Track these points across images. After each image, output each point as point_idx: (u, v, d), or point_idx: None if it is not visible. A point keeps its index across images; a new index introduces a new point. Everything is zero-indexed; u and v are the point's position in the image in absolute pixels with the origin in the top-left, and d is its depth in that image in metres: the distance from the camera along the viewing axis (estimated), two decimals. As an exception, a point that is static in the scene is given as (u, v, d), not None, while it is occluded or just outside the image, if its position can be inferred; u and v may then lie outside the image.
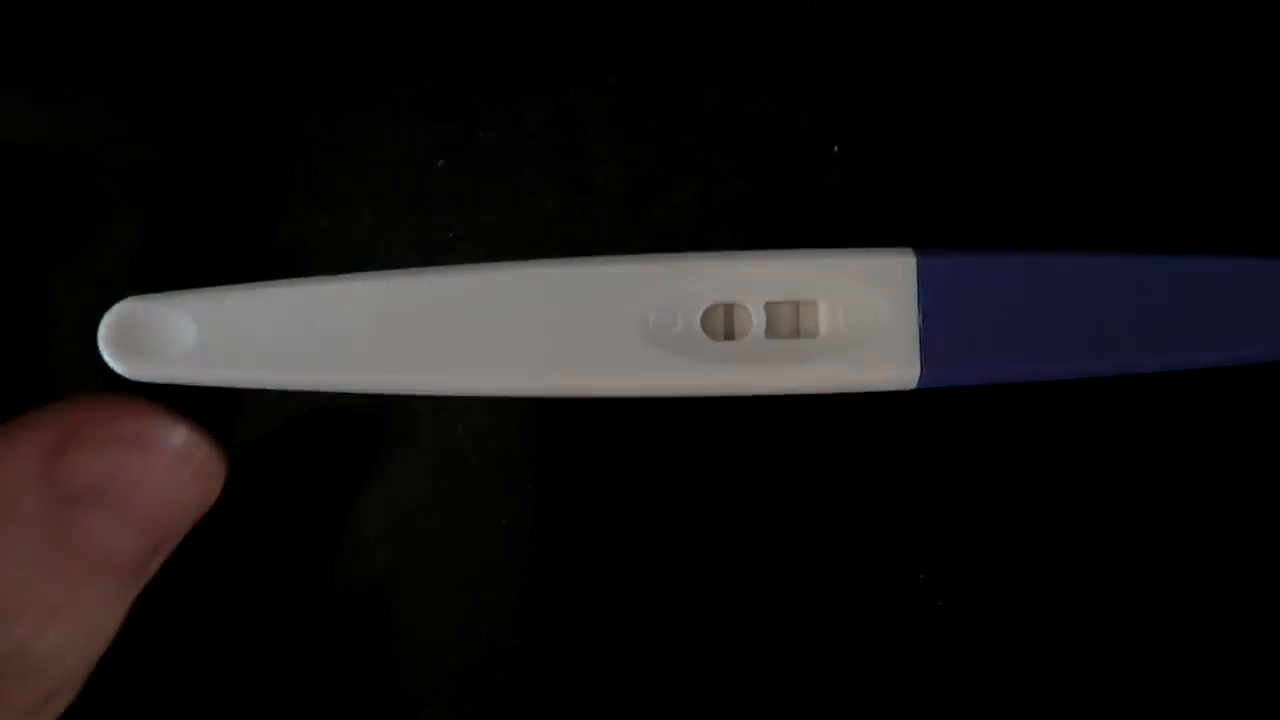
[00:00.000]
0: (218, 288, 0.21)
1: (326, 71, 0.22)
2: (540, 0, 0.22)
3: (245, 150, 0.22)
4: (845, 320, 0.20)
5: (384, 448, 0.22)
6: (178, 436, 0.18)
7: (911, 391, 0.20)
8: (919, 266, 0.19)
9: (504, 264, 0.20)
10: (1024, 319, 0.19)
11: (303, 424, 0.22)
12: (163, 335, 0.20)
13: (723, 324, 0.20)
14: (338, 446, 0.22)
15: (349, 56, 0.23)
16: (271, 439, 0.22)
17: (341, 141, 0.22)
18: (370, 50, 0.22)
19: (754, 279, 0.20)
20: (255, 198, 0.22)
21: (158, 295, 0.20)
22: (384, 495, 0.22)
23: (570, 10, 0.23)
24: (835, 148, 0.22)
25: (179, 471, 0.18)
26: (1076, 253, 0.20)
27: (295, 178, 0.22)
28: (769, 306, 0.20)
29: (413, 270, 0.21)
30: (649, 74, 0.22)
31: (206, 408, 0.22)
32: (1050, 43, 0.23)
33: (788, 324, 0.20)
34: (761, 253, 0.20)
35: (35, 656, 0.17)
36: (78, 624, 0.17)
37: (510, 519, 0.22)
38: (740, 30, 0.23)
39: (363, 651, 0.22)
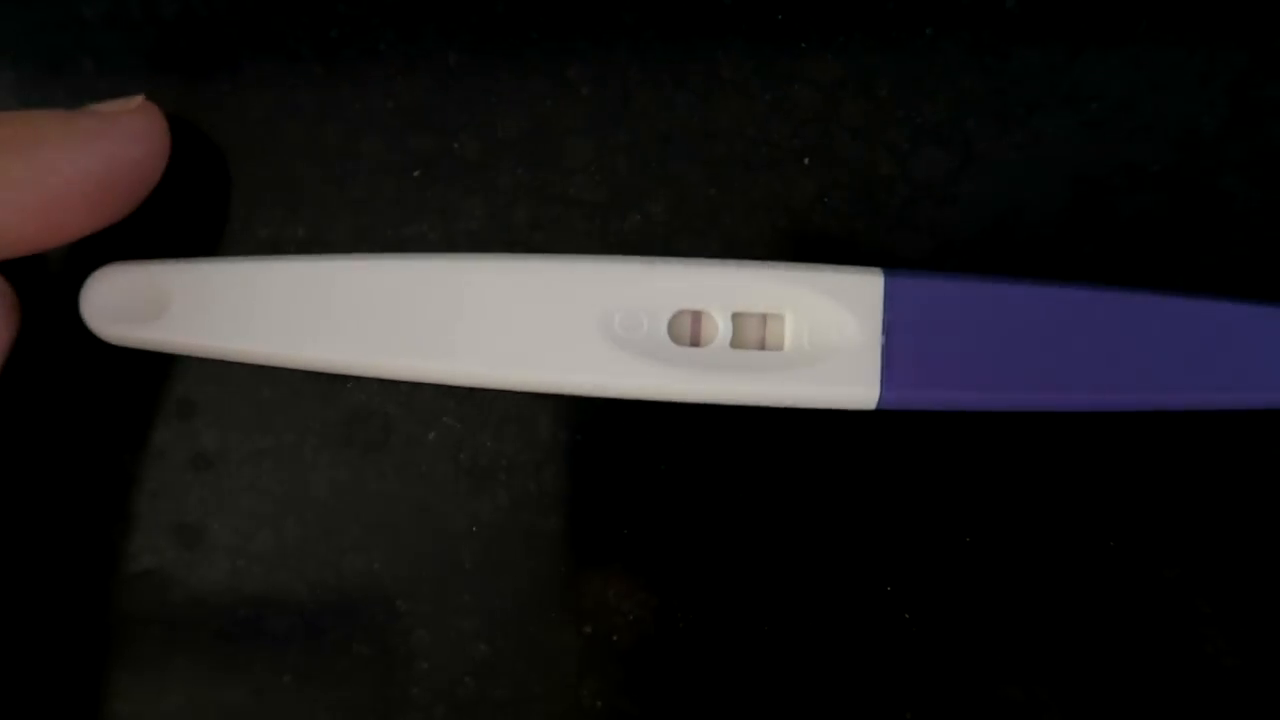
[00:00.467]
0: (198, 259, 0.21)
1: (305, 81, 0.23)
2: (513, 11, 0.23)
3: (224, 158, 0.23)
4: (810, 336, 0.20)
5: (357, 454, 0.23)
6: None
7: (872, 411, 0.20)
8: (887, 287, 0.19)
9: (477, 255, 0.21)
10: (990, 347, 0.19)
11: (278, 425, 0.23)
12: (143, 300, 0.21)
13: (689, 330, 0.20)
14: (310, 450, 0.23)
15: (326, 66, 0.23)
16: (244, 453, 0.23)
17: (319, 151, 0.22)
18: (346, 60, 0.23)
19: (723, 288, 0.20)
20: (232, 206, 0.23)
21: (138, 262, 0.21)
22: (356, 502, 0.23)
23: (542, 20, 0.23)
24: (805, 160, 0.22)
25: None
26: (1046, 282, 0.20)
27: (275, 185, 0.23)
28: (736, 317, 0.20)
29: (387, 255, 0.21)
30: (622, 84, 0.22)
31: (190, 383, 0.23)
32: (1028, 62, 0.22)
33: (753, 335, 0.20)
34: (732, 262, 0.20)
35: None
36: None
37: (480, 526, 0.23)
38: (712, 41, 0.22)
39: (337, 658, 0.23)
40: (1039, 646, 0.22)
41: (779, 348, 0.20)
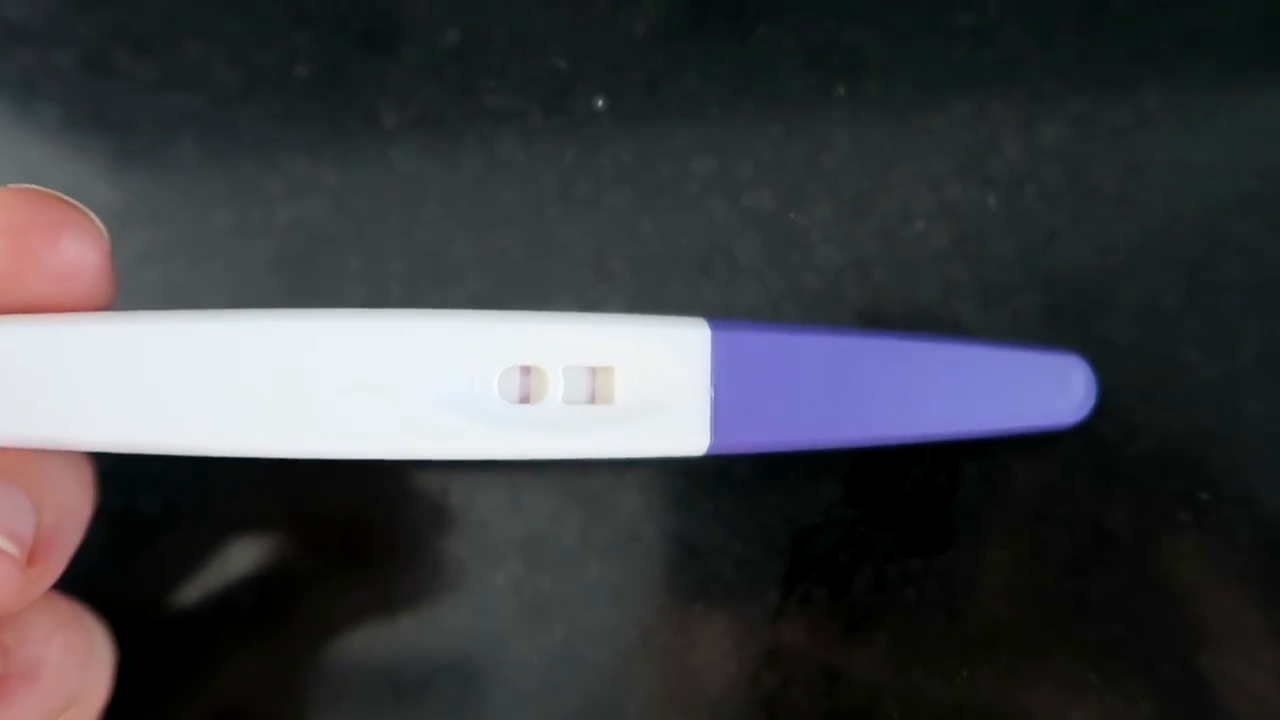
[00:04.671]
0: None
1: None
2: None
3: None
4: (641, 388, 0.19)
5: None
6: None
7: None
8: (713, 339, 0.19)
9: (283, 311, 0.18)
10: (808, 391, 0.20)
11: None
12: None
13: (519, 387, 0.19)
14: None
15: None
16: None
17: None
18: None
19: (553, 341, 0.19)
20: None
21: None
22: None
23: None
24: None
25: None
26: (853, 331, 0.21)
27: None
28: (566, 371, 0.19)
29: (167, 313, 0.17)
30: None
31: None
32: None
33: (584, 389, 0.19)
34: (561, 315, 0.19)
35: None
36: None
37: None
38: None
39: None
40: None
41: (609, 401, 0.19)
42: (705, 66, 0.24)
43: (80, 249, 0.17)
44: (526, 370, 0.19)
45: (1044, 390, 0.22)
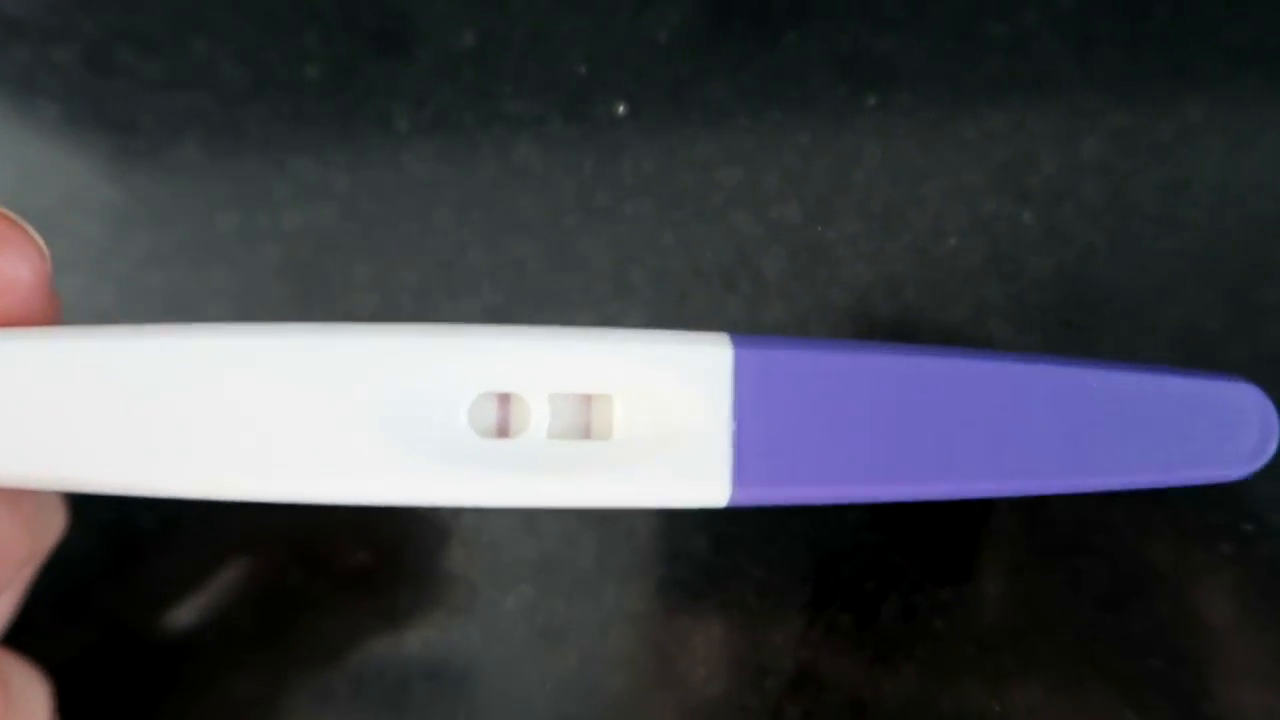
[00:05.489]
0: None
1: None
2: None
3: None
4: (646, 420, 0.16)
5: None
6: None
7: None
8: (736, 359, 0.15)
9: (201, 325, 0.15)
10: (859, 428, 0.16)
11: None
12: None
13: (495, 419, 0.16)
14: None
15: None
16: None
17: None
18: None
19: (536, 363, 0.15)
20: None
21: None
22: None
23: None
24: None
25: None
26: (929, 350, 0.16)
27: None
28: (553, 399, 0.16)
29: (77, 329, 0.15)
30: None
31: None
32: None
33: (575, 422, 0.16)
34: (547, 330, 0.16)
35: None
36: None
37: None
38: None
39: None
40: None
41: (606, 436, 0.16)
42: (731, 74, 0.23)
43: (12, 265, 0.16)
44: (504, 398, 0.16)
45: (1196, 430, 0.16)
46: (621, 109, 0.23)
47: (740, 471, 0.15)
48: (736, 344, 0.16)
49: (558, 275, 0.23)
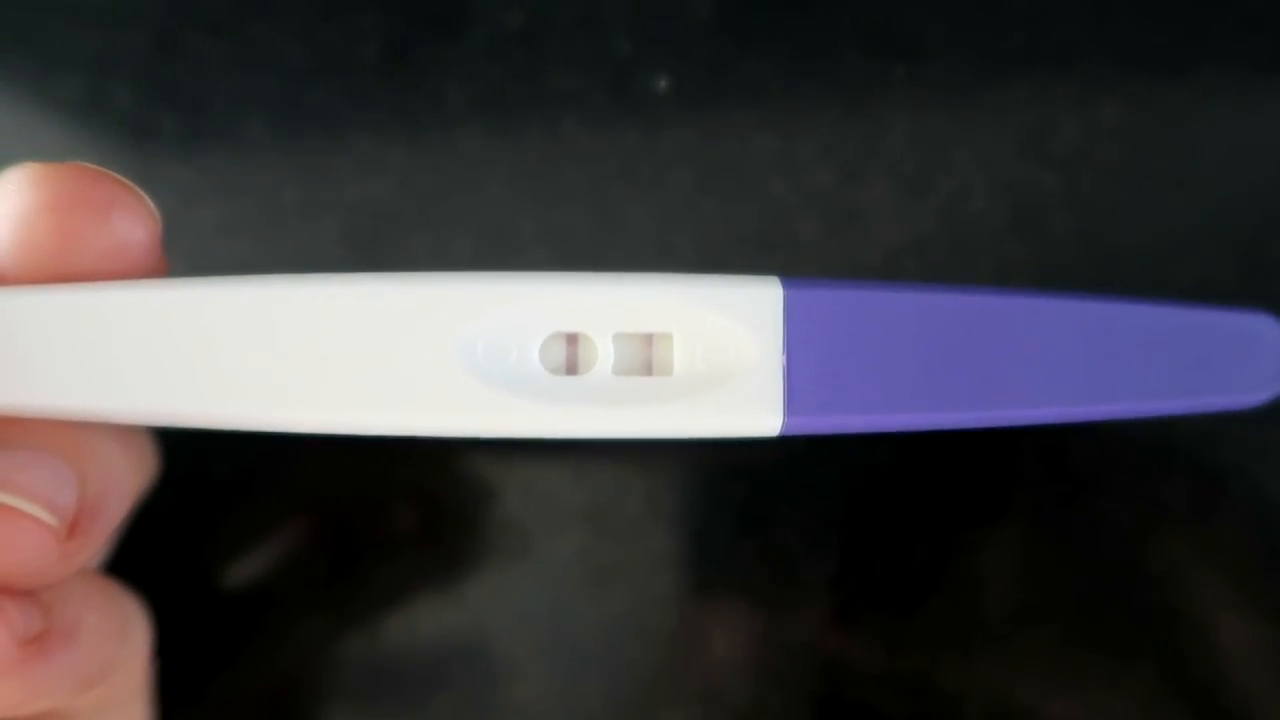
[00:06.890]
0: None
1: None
2: None
3: None
4: (703, 357, 0.17)
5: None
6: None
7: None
8: (786, 299, 0.17)
9: (300, 276, 0.17)
10: (904, 360, 0.17)
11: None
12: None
13: (564, 357, 0.17)
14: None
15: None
16: None
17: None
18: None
19: (601, 305, 0.17)
20: None
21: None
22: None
23: None
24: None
25: None
26: (963, 289, 0.17)
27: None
28: (617, 338, 0.17)
29: (179, 281, 0.17)
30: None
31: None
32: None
33: (638, 359, 0.17)
34: (608, 275, 0.17)
35: None
36: None
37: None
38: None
39: None
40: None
41: (667, 373, 0.17)
42: (766, 49, 0.25)
43: (129, 227, 0.17)
44: (572, 337, 0.17)
45: (1216, 359, 0.17)
46: (662, 84, 0.25)
47: (791, 402, 0.17)
48: (786, 285, 0.17)
49: (604, 242, 0.24)
